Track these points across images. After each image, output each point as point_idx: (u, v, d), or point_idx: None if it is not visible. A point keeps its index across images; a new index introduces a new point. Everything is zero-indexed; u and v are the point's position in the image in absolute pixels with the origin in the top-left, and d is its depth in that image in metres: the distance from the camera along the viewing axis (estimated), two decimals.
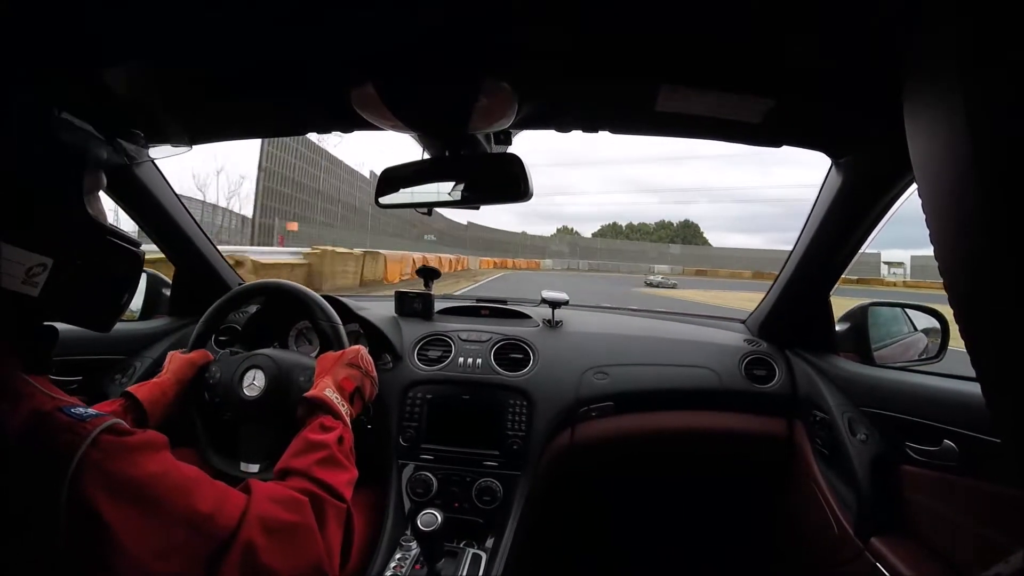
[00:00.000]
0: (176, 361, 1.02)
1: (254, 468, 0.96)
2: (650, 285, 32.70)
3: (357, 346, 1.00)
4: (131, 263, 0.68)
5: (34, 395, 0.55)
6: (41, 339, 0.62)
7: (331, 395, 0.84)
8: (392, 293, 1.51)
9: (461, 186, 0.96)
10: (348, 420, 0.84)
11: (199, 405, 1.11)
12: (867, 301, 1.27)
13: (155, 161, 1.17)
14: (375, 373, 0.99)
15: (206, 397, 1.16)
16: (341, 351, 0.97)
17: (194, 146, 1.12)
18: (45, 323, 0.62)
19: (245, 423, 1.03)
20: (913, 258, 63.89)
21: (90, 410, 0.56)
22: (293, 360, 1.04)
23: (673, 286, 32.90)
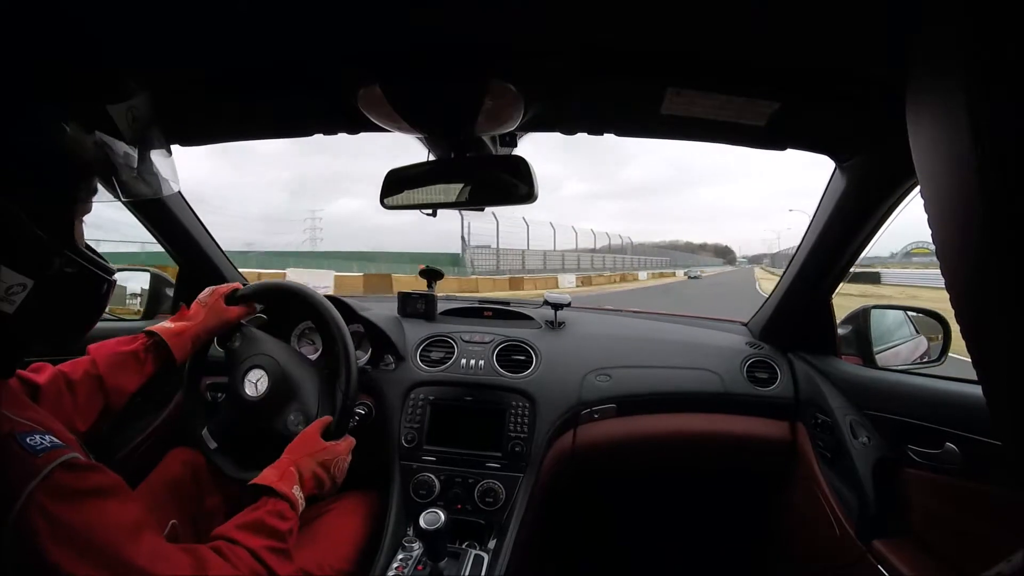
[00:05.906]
0: (211, 313, 1.03)
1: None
2: None
3: (342, 446, 0.93)
4: (104, 289, 0.68)
5: None
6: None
7: (296, 492, 0.80)
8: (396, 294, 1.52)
9: (467, 187, 0.97)
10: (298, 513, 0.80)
11: (200, 402, 1.11)
12: (870, 304, 1.27)
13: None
14: (341, 481, 0.92)
15: (208, 397, 1.16)
16: (323, 447, 0.90)
17: (198, 147, 1.12)
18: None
19: (244, 425, 1.03)
20: None
21: (46, 440, 0.55)
22: (295, 363, 1.04)
23: None
